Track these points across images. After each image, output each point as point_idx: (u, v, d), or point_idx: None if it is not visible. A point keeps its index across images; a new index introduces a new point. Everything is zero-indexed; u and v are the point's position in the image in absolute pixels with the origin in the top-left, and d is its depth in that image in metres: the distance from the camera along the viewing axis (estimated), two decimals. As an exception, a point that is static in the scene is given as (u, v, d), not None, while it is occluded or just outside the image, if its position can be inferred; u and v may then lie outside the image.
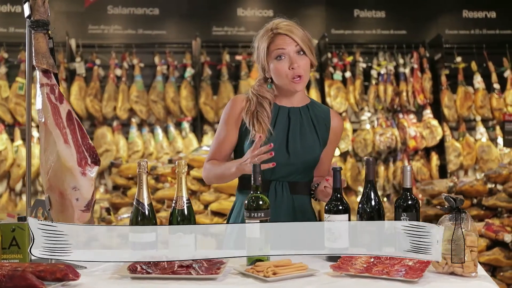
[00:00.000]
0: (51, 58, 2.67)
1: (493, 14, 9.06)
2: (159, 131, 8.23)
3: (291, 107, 3.20)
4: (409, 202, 2.63)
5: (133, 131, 8.17)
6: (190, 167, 5.88)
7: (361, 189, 8.28)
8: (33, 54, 2.66)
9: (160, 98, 8.22)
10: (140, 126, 8.28)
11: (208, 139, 8.14)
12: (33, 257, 2.69)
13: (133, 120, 8.24)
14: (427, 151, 8.59)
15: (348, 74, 8.51)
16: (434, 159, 8.44)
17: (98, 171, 2.71)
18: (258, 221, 2.61)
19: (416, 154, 8.54)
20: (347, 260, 2.53)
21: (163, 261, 2.52)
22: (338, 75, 8.46)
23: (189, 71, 8.33)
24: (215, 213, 5.80)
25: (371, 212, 2.68)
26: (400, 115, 8.57)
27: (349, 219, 2.69)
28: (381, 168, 8.40)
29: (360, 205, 2.70)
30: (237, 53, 8.52)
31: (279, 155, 3.07)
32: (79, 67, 8.17)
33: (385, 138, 8.31)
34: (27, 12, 2.69)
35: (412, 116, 8.59)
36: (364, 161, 2.74)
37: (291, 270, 2.46)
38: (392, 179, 8.35)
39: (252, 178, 2.67)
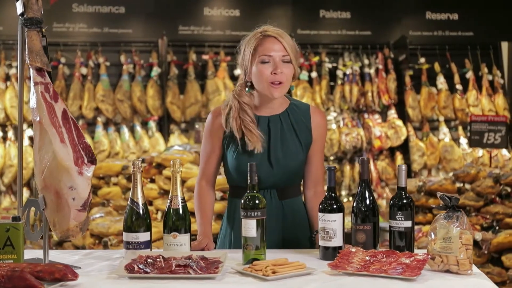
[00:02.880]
0: (45, 56, 2.64)
1: (455, 16, 9.19)
2: (125, 130, 8.18)
3: (271, 116, 3.16)
4: (404, 201, 2.67)
5: (99, 130, 8.11)
6: (162, 166, 5.87)
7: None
8: (26, 52, 2.63)
9: (126, 97, 8.17)
10: (106, 125, 8.21)
11: (175, 139, 8.11)
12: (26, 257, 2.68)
13: (99, 119, 8.17)
14: (391, 151, 8.69)
15: (314, 74, 8.57)
16: (399, 158, 8.54)
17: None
18: (255, 220, 2.61)
19: (381, 154, 8.63)
20: (344, 259, 2.55)
21: (160, 261, 2.52)
22: (304, 75, 8.50)
23: (156, 70, 8.30)
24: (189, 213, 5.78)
25: (366, 211, 2.70)
26: (366, 115, 8.66)
27: (343, 218, 2.72)
28: (347, 168, 8.47)
29: (354, 204, 2.73)
30: (204, 52, 8.51)
31: (262, 167, 3.06)
32: (44, 65, 8.04)
33: (351, 138, 8.38)
34: (20, 9, 2.66)
35: (377, 116, 8.69)
36: (359, 161, 2.77)
37: (290, 268, 2.47)
38: (358, 178, 8.42)
39: (248, 177, 2.68)
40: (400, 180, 2.69)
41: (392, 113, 8.61)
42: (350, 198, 8.40)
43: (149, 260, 2.53)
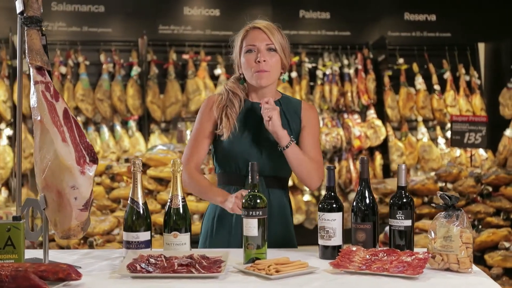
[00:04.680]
0: (45, 55, 2.63)
1: (433, 17, 9.29)
2: (105, 130, 8.15)
3: None
4: (404, 200, 2.68)
5: (79, 129, 8.04)
6: (147, 166, 5.85)
7: (307, 188, 8.37)
8: (26, 51, 2.62)
9: (106, 97, 8.13)
10: (85, 124, 8.17)
11: (155, 139, 8.10)
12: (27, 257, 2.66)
13: (79, 118, 8.12)
14: (371, 151, 8.75)
15: (294, 74, 8.60)
16: (378, 158, 8.60)
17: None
18: (256, 219, 2.62)
19: (360, 154, 8.68)
20: (346, 258, 2.56)
21: (162, 260, 2.52)
22: (284, 75, 8.49)
23: (136, 70, 8.28)
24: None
25: (366, 210, 2.72)
26: (345, 115, 8.71)
27: (343, 218, 2.73)
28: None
29: (354, 203, 2.75)
30: (184, 51, 8.50)
31: (252, 150, 3.11)
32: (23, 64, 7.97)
33: (331, 138, 8.41)
34: (19, 8, 2.64)
35: (356, 116, 8.74)
36: (359, 160, 2.78)
37: (293, 267, 2.48)
38: (338, 178, 8.47)
39: (249, 177, 2.68)
40: (400, 179, 2.71)
41: (371, 113, 8.67)
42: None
43: (151, 259, 2.52)
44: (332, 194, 2.74)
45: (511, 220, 5.79)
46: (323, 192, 8.20)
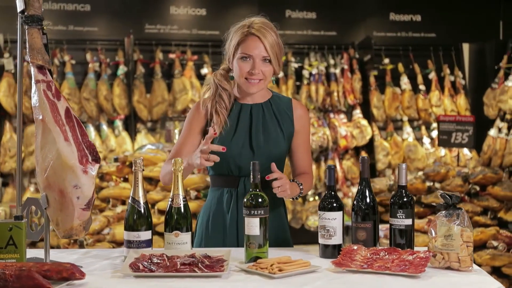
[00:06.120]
0: (46, 54, 2.63)
1: (418, 18, 9.34)
2: (91, 129, 8.12)
3: (253, 104, 3.22)
4: (405, 199, 2.70)
5: (65, 129, 8.00)
6: (136, 165, 5.83)
7: (294, 187, 8.38)
8: (27, 50, 2.61)
9: (92, 96, 8.10)
10: (72, 124, 8.11)
11: (142, 138, 8.08)
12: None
13: (65, 118, 8.07)
14: (356, 150, 8.79)
15: (280, 74, 8.60)
16: (364, 158, 8.62)
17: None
18: (258, 218, 2.63)
19: (346, 153, 8.71)
20: (347, 257, 2.58)
21: (164, 259, 2.52)
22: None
23: (122, 69, 8.25)
24: (162, 212, 5.76)
25: (366, 209, 2.73)
26: (331, 115, 8.73)
27: (343, 217, 2.75)
28: (313, 167, 8.52)
29: (355, 203, 2.76)
30: (170, 51, 8.49)
31: (244, 152, 3.11)
32: (8, 63, 7.95)
33: (317, 138, 8.43)
34: (20, 7, 2.63)
35: (342, 116, 8.78)
36: (360, 159, 2.80)
37: (295, 266, 2.49)
38: (324, 177, 8.49)
39: (251, 176, 2.69)
40: (400, 178, 2.73)
41: (357, 113, 8.71)
42: (317, 197, 8.45)
43: (153, 258, 2.52)
44: (333, 193, 2.76)
45: (498, 219, 5.84)
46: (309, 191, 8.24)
